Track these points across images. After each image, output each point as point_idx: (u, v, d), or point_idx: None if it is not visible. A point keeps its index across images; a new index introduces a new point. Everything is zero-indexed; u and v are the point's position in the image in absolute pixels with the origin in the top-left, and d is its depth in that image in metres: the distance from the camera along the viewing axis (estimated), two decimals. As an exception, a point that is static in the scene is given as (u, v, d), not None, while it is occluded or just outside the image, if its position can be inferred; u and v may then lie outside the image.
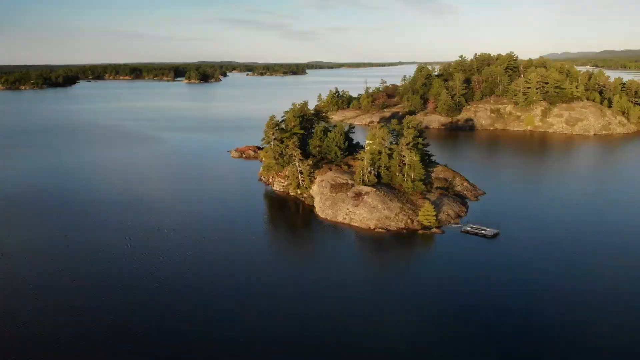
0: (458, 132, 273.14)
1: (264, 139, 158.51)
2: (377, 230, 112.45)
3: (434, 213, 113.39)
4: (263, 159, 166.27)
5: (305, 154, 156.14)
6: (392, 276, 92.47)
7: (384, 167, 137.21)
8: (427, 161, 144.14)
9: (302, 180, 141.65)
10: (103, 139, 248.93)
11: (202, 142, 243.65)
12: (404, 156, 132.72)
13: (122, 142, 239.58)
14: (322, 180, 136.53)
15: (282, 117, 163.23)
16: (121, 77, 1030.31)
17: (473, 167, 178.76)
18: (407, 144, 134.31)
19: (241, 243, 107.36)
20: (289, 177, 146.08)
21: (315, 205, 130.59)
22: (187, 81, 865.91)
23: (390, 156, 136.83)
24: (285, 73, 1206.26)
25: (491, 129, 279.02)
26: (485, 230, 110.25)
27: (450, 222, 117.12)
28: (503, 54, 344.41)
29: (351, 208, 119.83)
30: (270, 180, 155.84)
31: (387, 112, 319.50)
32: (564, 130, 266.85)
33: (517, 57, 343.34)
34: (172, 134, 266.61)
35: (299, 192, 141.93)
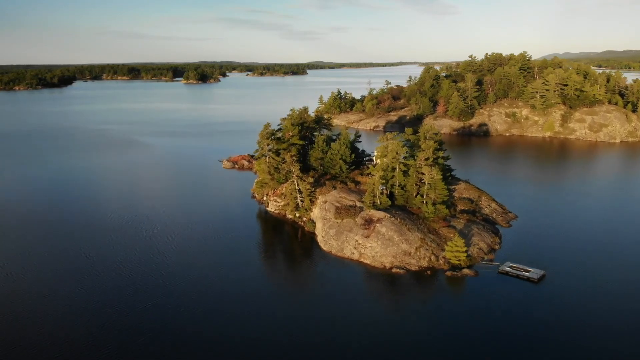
0: (471, 138, 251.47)
1: (257, 150, 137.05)
2: (394, 270, 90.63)
3: (465, 248, 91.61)
4: (257, 171, 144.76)
5: (306, 167, 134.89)
6: (415, 337, 70.82)
7: (398, 186, 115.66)
8: (448, 178, 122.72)
9: (302, 201, 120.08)
10: (84, 146, 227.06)
11: (192, 149, 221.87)
12: (422, 173, 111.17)
13: (104, 150, 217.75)
14: (325, 202, 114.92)
15: (278, 124, 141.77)
16: (119, 77, 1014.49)
17: (496, 182, 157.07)
18: (426, 159, 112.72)
19: (227, 279, 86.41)
20: (285, 196, 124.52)
21: (317, 233, 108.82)
22: (185, 81, 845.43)
23: (405, 173, 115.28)
24: (285, 73, 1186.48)
25: (507, 134, 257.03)
26: (528, 271, 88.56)
27: (483, 259, 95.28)
28: (506, 54, 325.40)
29: (361, 239, 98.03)
30: (265, 198, 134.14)
31: (393, 116, 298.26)
32: (587, 136, 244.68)
33: (530, 56, 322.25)
34: (160, 140, 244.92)
35: (297, 214, 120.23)
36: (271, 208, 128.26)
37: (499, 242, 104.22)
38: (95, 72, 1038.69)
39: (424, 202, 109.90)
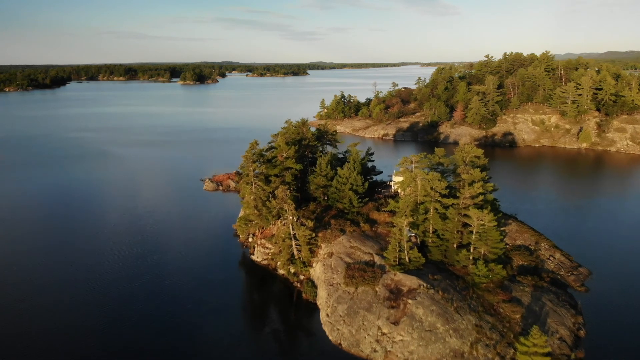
0: (495, 149, 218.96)
1: (241, 176, 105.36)
2: (440, 387, 58.66)
3: (547, 349, 59.27)
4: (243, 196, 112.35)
5: (304, 197, 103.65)
6: None
7: (433, 233, 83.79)
8: (500, 220, 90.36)
9: (298, 250, 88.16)
10: (45, 158, 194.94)
11: (172, 162, 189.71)
12: (467, 216, 79.28)
13: (67, 164, 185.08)
14: (331, 255, 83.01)
15: (269, 142, 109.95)
16: (115, 78, 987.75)
17: (542, 213, 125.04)
18: (473, 197, 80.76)
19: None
20: (277, 242, 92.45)
21: (319, 305, 76.48)
22: (182, 82, 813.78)
23: (443, 216, 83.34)
24: (286, 74, 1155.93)
25: (537, 145, 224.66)
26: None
27: (570, 359, 63.21)
28: (526, 54, 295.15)
29: (386, 327, 65.81)
30: (250, 240, 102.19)
31: (404, 122, 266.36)
32: (629, 149, 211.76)
33: (553, 56, 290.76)
34: (137, 150, 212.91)
35: (291, 270, 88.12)
36: (257, 257, 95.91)
37: (583, 322, 71.89)
38: (91, 73, 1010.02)
39: (471, 258, 78.01)
